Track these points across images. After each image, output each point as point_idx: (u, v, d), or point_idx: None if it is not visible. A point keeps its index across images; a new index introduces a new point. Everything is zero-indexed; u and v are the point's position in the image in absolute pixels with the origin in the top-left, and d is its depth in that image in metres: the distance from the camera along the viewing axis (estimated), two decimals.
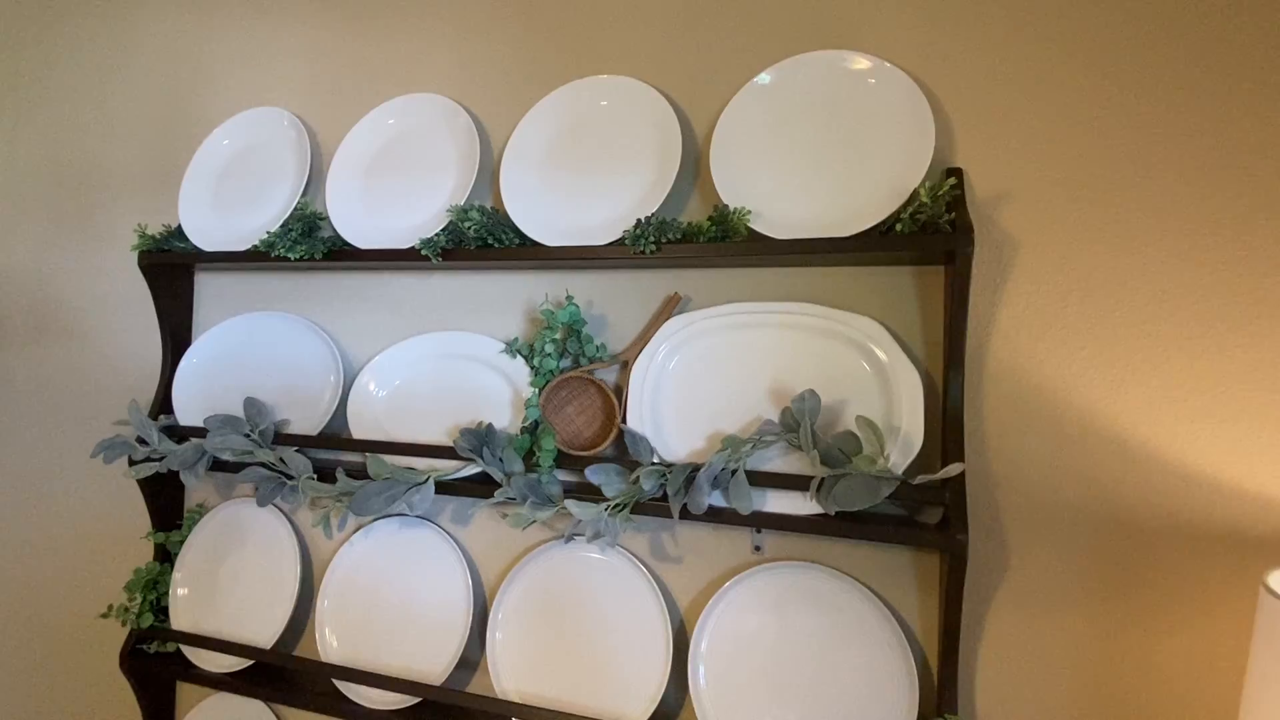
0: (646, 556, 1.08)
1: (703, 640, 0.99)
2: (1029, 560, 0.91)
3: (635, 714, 1.00)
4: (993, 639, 0.93)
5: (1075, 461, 0.90)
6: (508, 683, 1.08)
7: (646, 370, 1.03)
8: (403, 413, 1.18)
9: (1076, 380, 0.90)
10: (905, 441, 0.90)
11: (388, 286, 1.24)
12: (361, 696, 1.14)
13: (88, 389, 1.48)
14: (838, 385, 0.95)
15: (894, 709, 0.91)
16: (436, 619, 1.13)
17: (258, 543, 1.27)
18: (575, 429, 1.09)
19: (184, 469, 1.21)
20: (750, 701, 0.97)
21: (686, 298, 1.06)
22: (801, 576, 0.98)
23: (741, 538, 1.04)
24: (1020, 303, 0.92)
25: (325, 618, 1.20)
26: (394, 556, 1.18)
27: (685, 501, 0.95)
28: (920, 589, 0.96)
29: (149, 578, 1.29)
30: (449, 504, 1.19)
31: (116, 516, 1.43)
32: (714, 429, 1.00)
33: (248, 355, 1.30)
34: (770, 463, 0.97)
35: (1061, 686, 0.90)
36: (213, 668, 1.24)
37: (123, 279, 1.45)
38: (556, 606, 1.08)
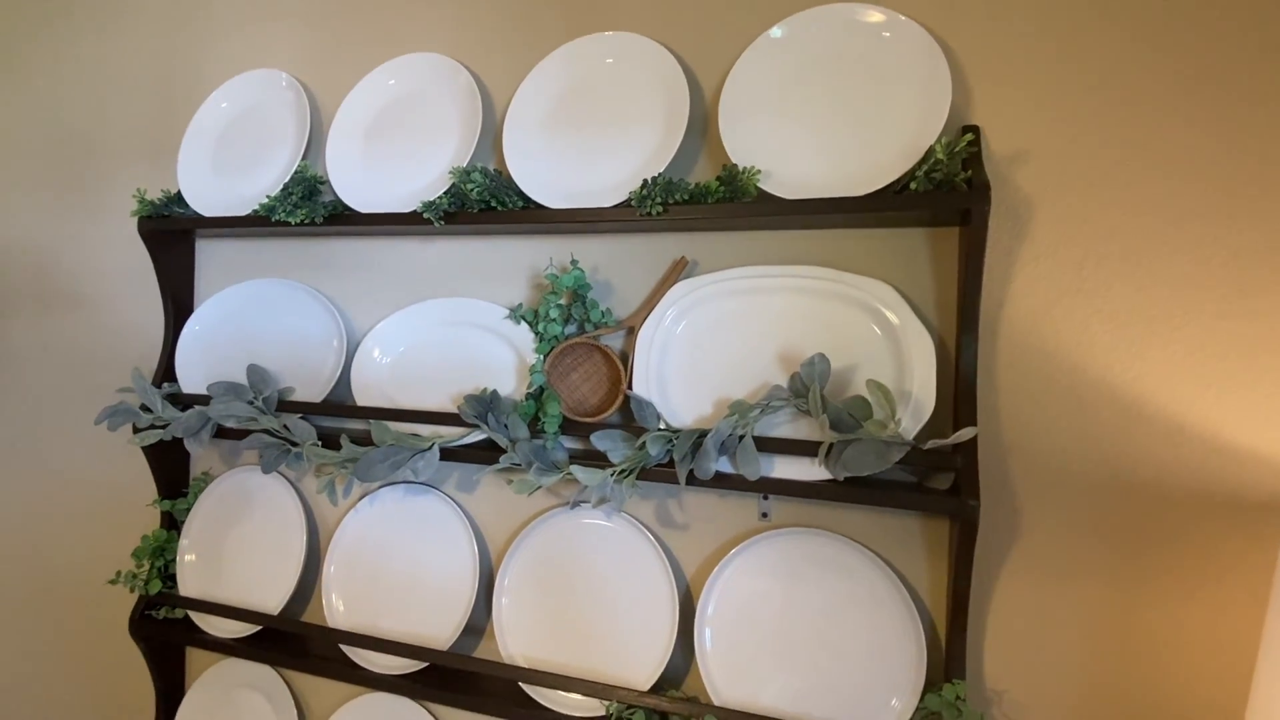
0: (652, 523, 1.07)
1: (709, 605, 0.99)
2: (1040, 527, 0.90)
3: (641, 678, 1.01)
4: (1002, 606, 0.92)
5: (1089, 427, 0.88)
6: (514, 648, 1.08)
7: (653, 335, 1.01)
8: (407, 380, 1.17)
9: (1092, 344, 0.88)
10: (916, 406, 0.89)
11: (390, 253, 1.23)
12: (369, 661, 1.15)
13: (91, 358, 1.47)
14: (848, 350, 0.93)
15: (901, 675, 0.91)
16: (442, 585, 1.13)
17: (263, 510, 1.27)
18: (580, 396, 1.08)
19: (188, 436, 1.20)
20: (756, 666, 0.96)
21: (694, 262, 1.04)
22: (809, 542, 0.97)
23: (748, 505, 1.03)
24: (1036, 265, 0.90)
25: (332, 584, 1.20)
26: (399, 523, 1.18)
27: (692, 467, 0.94)
28: (929, 556, 0.95)
29: (156, 545, 1.29)
30: (454, 471, 1.18)
31: (122, 484, 1.43)
32: (721, 395, 0.99)
33: (250, 323, 1.29)
34: (778, 429, 0.96)
35: (1071, 654, 0.89)
36: (221, 633, 1.25)
37: (124, 247, 1.43)
38: (562, 573, 1.08)
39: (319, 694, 1.26)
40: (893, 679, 0.91)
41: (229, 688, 1.30)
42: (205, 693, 1.31)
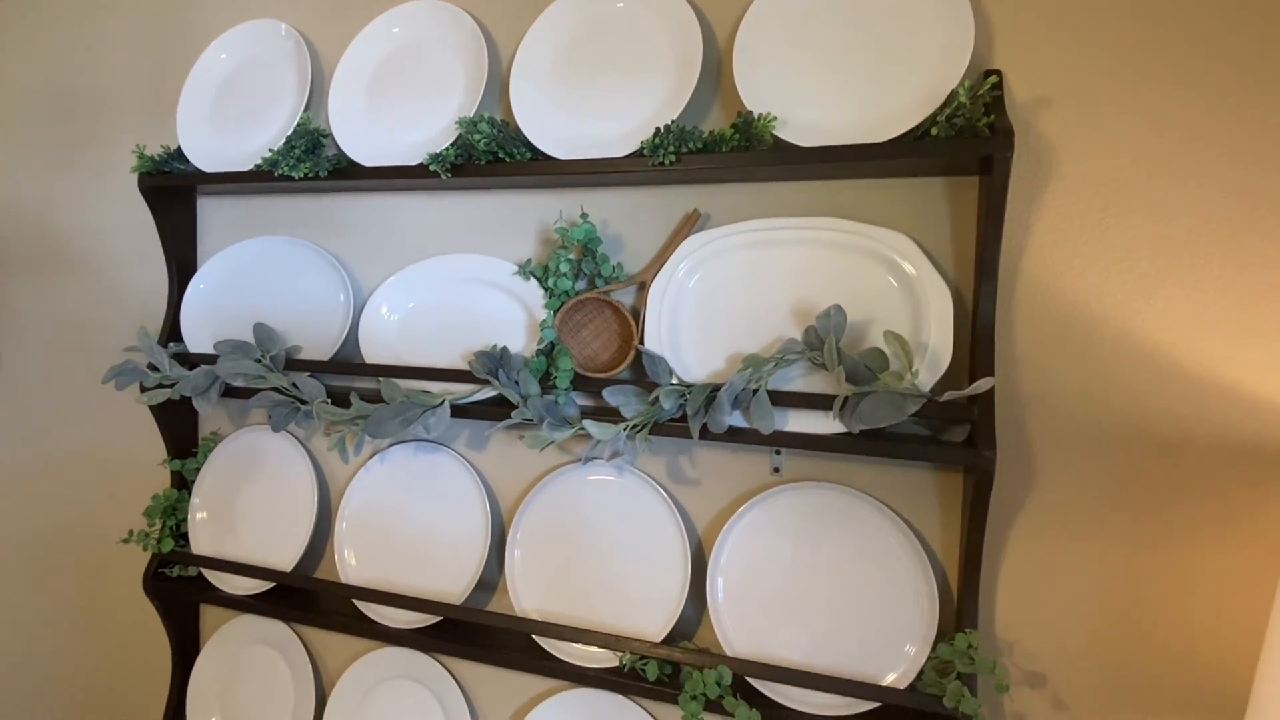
0: (664, 479, 1.07)
1: (721, 557, 0.99)
2: (1055, 479, 0.90)
3: (653, 630, 1.01)
4: (1014, 558, 0.92)
5: (1107, 379, 0.87)
6: (527, 602, 1.09)
7: (665, 290, 1.00)
8: (415, 338, 1.16)
9: (1112, 295, 0.87)
10: (933, 358, 0.88)
11: (396, 209, 1.21)
12: (382, 616, 1.16)
13: (95, 319, 1.46)
14: (864, 303, 0.92)
15: (913, 626, 0.92)
16: (454, 542, 1.14)
17: (274, 469, 1.27)
18: (591, 352, 1.07)
19: (196, 395, 1.19)
20: (768, 618, 0.97)
21: (706, 215, 1.02)
22: (821, 496, 0.97)
23: (761, 460, 1.02)
24: (1057, 214, 0.88)
25: (344, 541, 1.21)
26: (410, 481, 1.18)
27: (705, 421, 0.93)
28: (942, 509, 0.95)
29: (167, 504, 1.29)
30: (465, 429, 1.18)
31: (131, 444, 1.43)
32: (734, 350, 0.98)
33: (256, 281, 1.27)
34: (792, 383, 0.95)
35: (1083, 605, 0.89)
36: (234, 590, 1.26)
37: (125, 206, 1.41)
38: (574, 528, 1.08)
39: (333, 649, 1.28)
40: (904, 629, 0.92)
41: (244, 644, 1.31)
42: (220, 649, 1.33)
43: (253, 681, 1.30)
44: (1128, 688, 0.88)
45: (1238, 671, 0.84)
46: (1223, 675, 0.85)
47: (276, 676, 1.28)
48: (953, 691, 0.85)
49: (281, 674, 1.28)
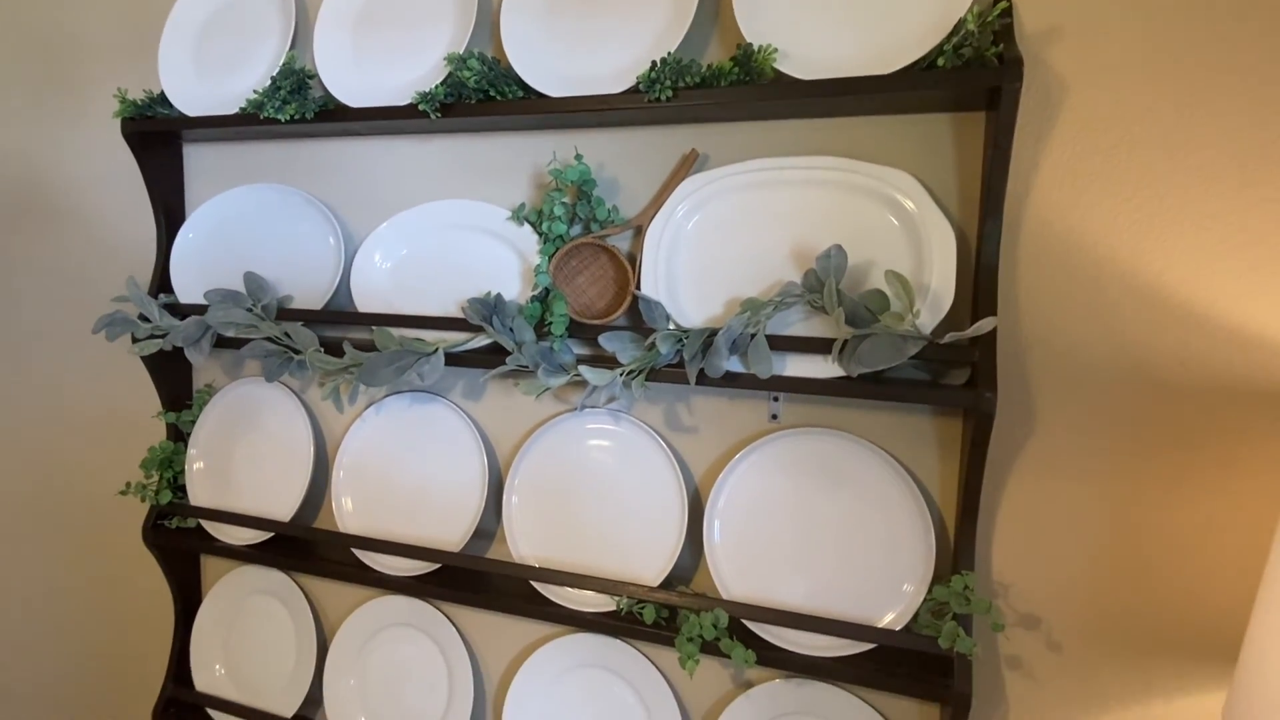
0: (661, 427, 1.06)
1: (719, 500, 0.99)
2: (1055, 423, 0.89)
3: (650, 575, 1.02)
4: (1012, 501, 0.92)
5: (1112, 321, 0.86)
6: (525, 549, 1.09)
7: (661, 232, 0.98)
8: (408, 287, 1.14)
9: (1120, 235, 0.85)
10: (935, 300, 0.86)
11: (386, 154, 1.17)
12: (381, 564, 1.16)
13: (82, 271, 1.44)
14: (865, 244, 0.90)
15: (910, 569, 0.92)
16: (451, 491, 1.14)
17: (269, 420, 1.26)
18: (587, 300, 1.05)
19: (188, 346, 1.18)
20: (765, 562, 0.97)
21: (705, 155, 0.99)
22: (819, 442, 0.96)
23: (758, 407, 1.02)
24: (1066, 151, 0.86)
25: (341, 491, 1.20)
26: (406, 431, 1.17)
27: (702, 366, 0.92)
28: (941, 454, 0.94)
29: (164, 456, 1.29)
30: (460, 379, 1.17)
31: (125, 399, 1.42)
32: (732, 294, 0.96)
33: (245, 230, 1.25)
34: (791, 327, 0.93)
35: (1080, 548, 0.89)
36: (233, 540, 1.26)
37: (108, 154, 1.38)
38: (571, 476, 1.08)
39: (333, 598, 1.29)
40: (900, 573, 0.92)
41: (244, 594, 1.32)
42: (221, 599, 1.34)
43: (255, 631, 1.31)
44: (1122, 630, 0.88)
45: (1233, 614, 0.84)
46: (1217, 618, 0.85)
47: (278, 625, 1.29)
48: (948, 632, 0.86)
49: (283, 623, 1.29)
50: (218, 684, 1.34)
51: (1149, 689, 0.88)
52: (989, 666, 0.94)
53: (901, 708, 0.98)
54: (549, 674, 1.12)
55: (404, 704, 1.20)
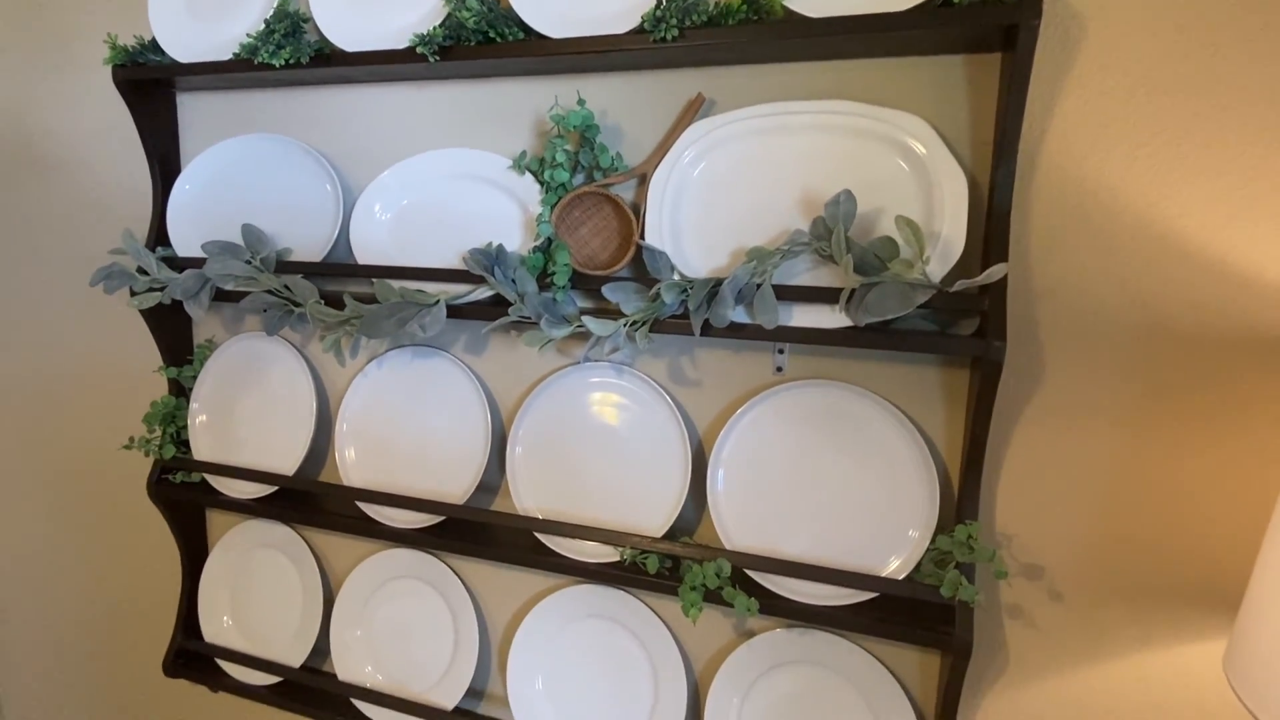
0: (665, 381, 1.05)
1: (724, 450, 0.99)
2: (1063, 374, 0.88)
3: (654, 527, 1.02)
4: (1017, 453, 0.91)
5: (1124, 269, 0.84)
6: (529, 501, 1.09)
7: (667, 179, 0.96)
8: (408, 239, 1.12)
9: (1136, 181, 0.83)
10: (945, 248, 0.84)
11: (384, 102, 1.15)
12: (385, 517, 1.17)
13: (78, 224, 1.42)
14: (875, 192, 0.88)
15: (913, 519, 0.92)
16: (454, 445, 1.13)
17: (271, 375, 1.26)
18: (590, 252, 1.03)
19: (187, 299, 1.17)
20: (768, 513, 0.97)
21: (711, 101, 0.96)
22: (824, 393, 0.96)
23: (763, 360, 1.01)
24: (1083, 94, 0.83)
25: (344, 446, 1.20)
26: (409, 385, 1.17)
27: (707, 316, 0.91)
28: (947, 406, 0.94)
29: (166, 410, 1.29)
30: (462, 332, 1.16)
31: (126, 354, 1.41)
32: (738, 244, 0.95)
33: (242, 182, 1.23)
34: (798, 277, 0.92)
35: (1085, 500, 0.89)
36: (238, 494, 1.26)
37: (100, 104, 1.35)
38: (574, 429, 1.08)
39: (338, 552, 1.30)
40: (904, 523, 0.92)
41: (250, 548, 1.34)
42: (227, 553, 1.35)
43: (261, 584, 1.33)
44: (1123, 580, 0.89)
45: (1235, 565, 0.84)
46: (1219, 568, 0.85)
47: (284, 579, 1.31)
48: (950, 580, 0.86)
49: (289, 576, 1.30)
50: (226, 635, 1.35)
51: (1149, 638, 0.88)
52: (990, 616, 0.95)
53: (902, 656, 0.99)
54: (553, 625, 1.13)
55: (410, 654, 1.22)
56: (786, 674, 1.01)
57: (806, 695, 1.00)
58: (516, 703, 1.14)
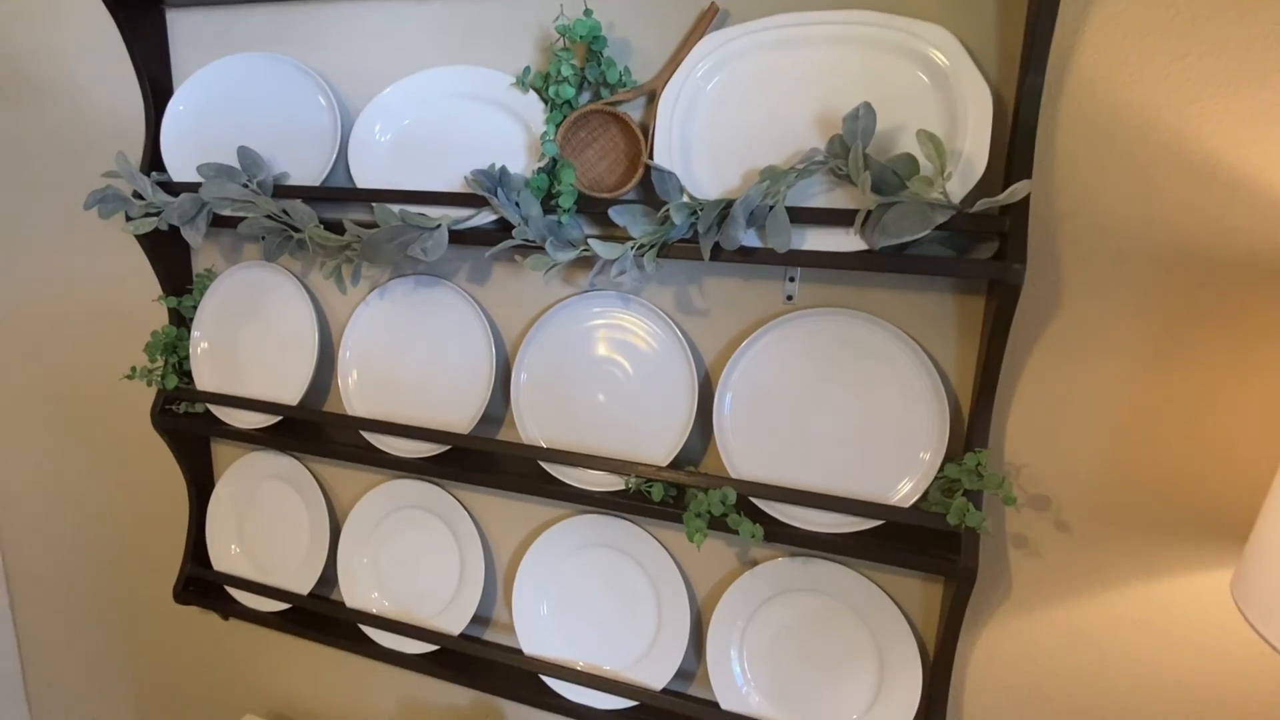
0: (672, 310, 1.03)
1: (733, 374, 0.97)
2: (1082, 301, 0.86)
3: (659, 457, 1.01)
4: (1030, 382, 0.90)
5: (1152, 190, 0.81)
6: (534, 430, 1.09)
7: (678, 94, 0.92)
8: (408, 162, 1.09)
9: (1170, 95, 0.79)
10: (966, 166, 0.81)
11: (381, 17, 1.10)
12: (390, 446, 1.16)
13: (71, 149, 1.38)
14: (895, 108, 0.84)
15: (921, 449, 0.91)
16: (459, 375, 1.12)
17: (272, 305, 1.24)
18: (597, 175, 1.00)
19: (184, 224, 1.14)
20: (774, 442, 0.97)
21: (724, 11, 0.92)
22: (836, 322, 0.94)
23: (773, 289, 0.98)
24: (1118, 2, 0.78)
25: (348, 376, 1.19)
26: (411, 315, 1.15)
27: (717, 239, 0.88)
28: (960, 336, 0.92)
29: (167, 340, 1.28)
30: (465, 261, 1.13)
31: (122, 282, 1.39)
32: (751, 165, 0.91)
33: (236, 103, 1.18)
34: (813, 199, 0.89)
35: (1096, 429, 0.88)
36: (242, 424, 1.26)
37: (89, 23, 1.30)
38: (580, 359, 1.06)
39: (344, 483, 1.30)
40: (913, 452, 0.91)
41: (256, 479, 1.34)
42: (234, 484, 1.36)
43: (268, 514, 1.34)
44: (1131, 510, 0.88)
45: (1247, 496, 0.83)
46: (1230, 500, 0.84)
47: (291, 509, 1.31)
48: (957, 508, 0.85)
49: (295, 506, 1.31)
50: (235, 563, 1.37)
51: (1154, 567, 0.88)
52: (995, 545, 0.94)
53: (906, 585, 0.99)
54: (558, 553, 1.14)
55: (416, 583, 1.23)
56: (789, 602, 1.02)
57: (808, 623, 1.01)
58: (522, 627, 1.15)
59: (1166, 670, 0.90)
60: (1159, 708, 0.91)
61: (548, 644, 1.15)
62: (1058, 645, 0.94)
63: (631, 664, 1.11)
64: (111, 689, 1.69)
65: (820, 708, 1.02)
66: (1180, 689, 0.89)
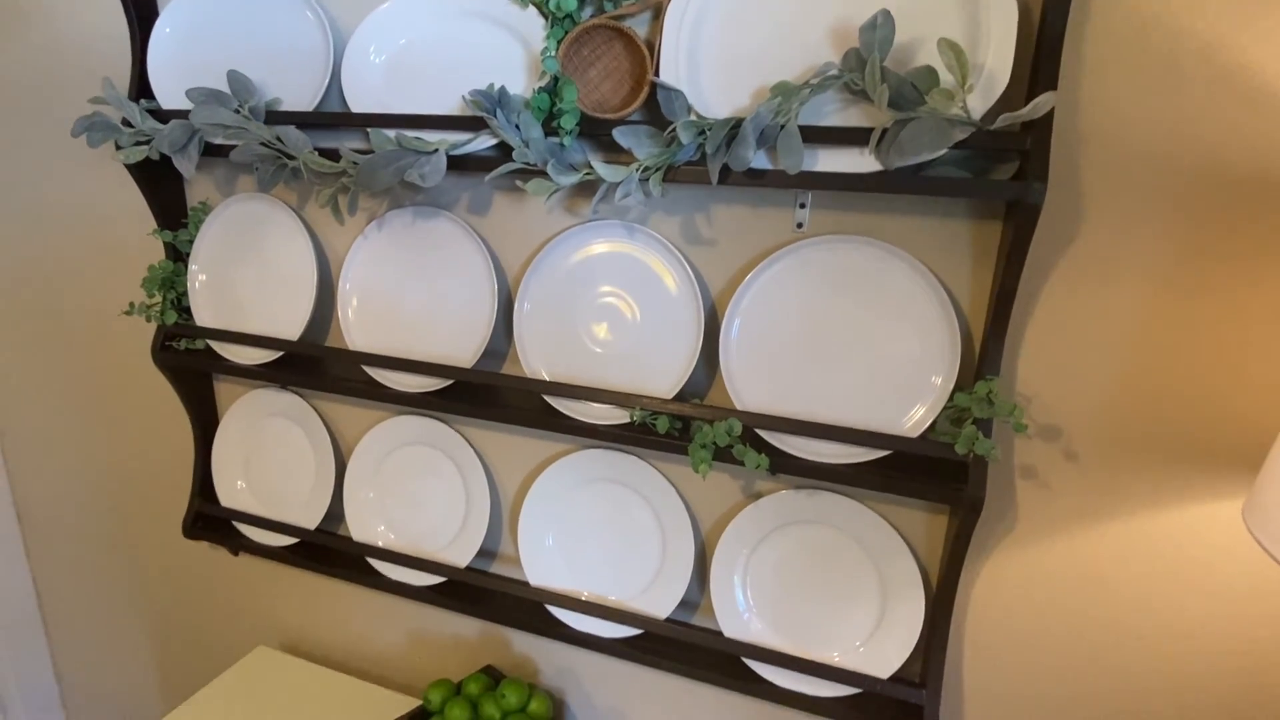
0: (679, 241, 1.01)
1: (741, 302, 0.95)
2: (1102, 226, 0.83)
3: (664, 389, 1.00)
4: (1045, 310, 0.87)
5: (1183, 106, 0.77)
6: (537, 364, 1.07)
7: (685, 9, 0.87)
8: (404, 86, 1.05)
9: (1207, 4, 0.74)
10: (988, 81, 0.77)
11: None
12: (392, 381, 1.15)
13: (53, 75, 1.33)
14: (913, 20, 0.80)
15: (933, 374, 0.89)
16: (460, 308, 1.10)
17: (270, 239, 1.21)
18: (600, 96, 0.96)
19: (175, 152, 1.11)
20: (781, 370, 0.95)
21: None
22: (848, 250, 0.91)
23: (783, 216, 0.95)
24: None
25: (348, 311, 1.17)
26: (410, 247, 1.13)
27: (726, 160, 0.85)
28: (975, 263, 0.89)
29: (165, 275, 1.26)
30: (464, 192, 1.10)
31: (117, 218, 1.36)
32: (761, 82, 0.87)
33: (225, 25, 1.14)
34: (826, 118, 0.85)
35: (1111, 358, 0.86)
36: (244, 360, 1.25)
37: None
38: (583, 291, 1.04)
39: (348, 419, 1.30)
40: (922, 380, 0.90)
41: (260, 416, 1.34)
42: (238, 421, 1.36)
43: (273, 451, 1.34)
44: (1143, 441, 0.87)
45: (1258, 423, 0.82)
46: (1241, 427, 0.83)
47: (295, 446, 1.31)
48: (966, 436, 0.84)
49: (300, 443, 1.31)
50: (241, 499, 1.38)
51: (1163, 497, 0.88)
52: (1003, 477, 0.94)
53: (910, 517, 0.99)
54: (563, 488, 1.14)
55: (423, 517, 1.24)
56: (793, 533, 1.02)
57: (812, 553, 1.02)
58: (528, 560, 1.16)
59: (1172, 600, 0.90)
60: (1164, 636, 0.91)
61: (553, 576, 1.17)
62: (1063, 576, 0.94)
63: (636, 595, 1.12)
64: (127, 625, 1.73)
65: (823, 636, 1.03)
66: (1186, 619, 0.90)
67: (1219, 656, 0.89)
